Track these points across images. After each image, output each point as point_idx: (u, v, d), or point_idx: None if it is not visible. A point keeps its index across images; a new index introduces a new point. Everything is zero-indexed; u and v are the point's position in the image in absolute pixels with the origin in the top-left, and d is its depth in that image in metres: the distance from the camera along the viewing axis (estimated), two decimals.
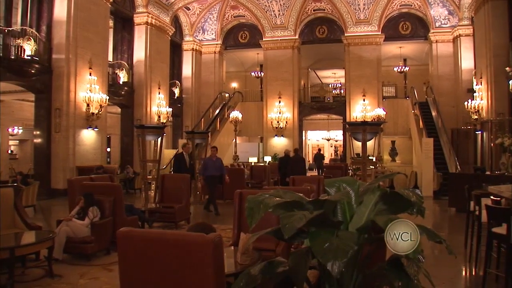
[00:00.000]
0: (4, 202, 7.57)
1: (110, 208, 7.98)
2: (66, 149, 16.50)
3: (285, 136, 26.08)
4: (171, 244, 3.40)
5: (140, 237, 3.60)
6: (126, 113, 22.03)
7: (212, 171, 12.91)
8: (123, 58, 21.73)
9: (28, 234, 7.06)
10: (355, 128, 12.36)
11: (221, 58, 28.72)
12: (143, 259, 3.46)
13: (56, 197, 15.87)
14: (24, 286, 6.09)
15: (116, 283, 5.88)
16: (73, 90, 16.71)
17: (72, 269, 6.89)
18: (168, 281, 3.39)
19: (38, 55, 15.84)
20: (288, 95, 26.15)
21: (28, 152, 24.38)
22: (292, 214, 2.62)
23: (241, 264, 4.77)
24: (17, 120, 23.40)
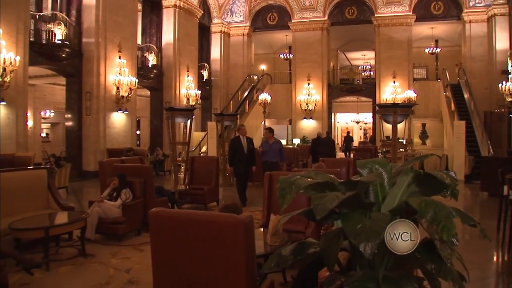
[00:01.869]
0: (39, 184, 7.74)
1: (141, 189, 8.07)
2: (96, 132, 16.73)
3: (314, 118, 25.93)
4: (202, 224, 3.43)
5: (172, 217, 3.64)
6: (155, 96, 22.18)
7: (269, 156, 11.39)
8: (151, 41, 21.81)
9: (61, 214, 7.20)
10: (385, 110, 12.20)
11: (249, 40, 28.58)
12: (175, 239, 3.49)
13: (87, 179, 16.14)
14: (59, 264, 6.22)
15: (147, 262, 5.98)
16: (103, 73, 16.88)
17: (104, 249, 7.02)
18: (199, 261, 3.42)
19: (69, 39, 16.03)
20: (317, 77, 25.92)
21: (60, 135, 24.83)
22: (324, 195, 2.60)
23: (271, 245, 4.78)
24: (49, 104, 23.80)
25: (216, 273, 3.38)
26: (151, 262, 3.58)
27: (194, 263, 3.44)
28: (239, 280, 3.27)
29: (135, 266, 6.16)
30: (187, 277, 3.49)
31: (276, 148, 11.37)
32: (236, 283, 3.29)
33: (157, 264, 3.60)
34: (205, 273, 3.41)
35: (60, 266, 6.14)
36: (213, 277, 3.39)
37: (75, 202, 10.70)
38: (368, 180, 2.78)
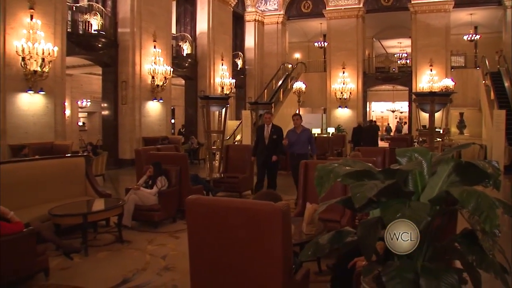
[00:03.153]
0: (77, 171, 7.89)
1: (176, 177, 8.15)
2: (132, 121, 16.93)
3: (349, 107, 25.66)
4: (239, 212, 3.42)
5: (209, 204, 3.65)
6: (190, 84, 22.28)
7: (296, 147, 9.86)
8: (186, 30, 21.89)
9: (99, 201, 7.34)
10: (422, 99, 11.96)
11: (283, 29, 28.42)
12: (211, 226, 3.50)
13: (123, 167, 16.38)
14: (96, 250, 6.36)
15: (182, 249, 6.07)
16: (138, 63, 17.04)
17: (140, 236, 7.14)
18: (235, 249, 3.42)
19: (104, 30, 16.21)
20: (352, 65, 25.60)
21: (96, 124, 25.21)
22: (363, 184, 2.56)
23: (306, 234, 4.76)
24: (85, 93, 24.20)
25: (252, 261, 3.38)
26: (187, 249, 3.60)
27: (231, 250, 3.44)
28: (276, 268, 3.26)
29: (170, 252, 6.24)
30: (223, 265, 3.50)
31: (304, 138, 9.86)
32: (273, 271, 3.29)
33: (194, 251, 3.63)
34: (241, 261, 3.42)
35: (98, 252, 6.27)
36: (249, 265, 3.40)
37: (111, 189, 10.86)
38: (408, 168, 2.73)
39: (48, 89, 13.06)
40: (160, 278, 5.25)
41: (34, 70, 12.31)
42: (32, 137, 12.71)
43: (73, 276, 5.30)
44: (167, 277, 5.27)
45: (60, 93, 13.82)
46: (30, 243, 4.95)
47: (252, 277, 3.40)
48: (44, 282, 5.08)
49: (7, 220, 5.01)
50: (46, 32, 12.80)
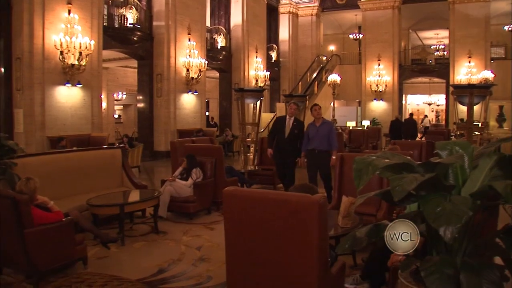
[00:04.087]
0: (114, 163, 8.00)
1: (212, 169, 8.17)
2: (167, 113, 17.08)
3: (384, 100, 25.32)
4: (275, 204, 3.42)
5: (246, 196, 3.65)
6: (224, 77, 22.35)
7: (315, 143, 8.32)
8: (220, 23, 21.93)
9: (135, 192, 7.46)
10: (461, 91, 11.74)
11: (318, 21, 28.19)
12: (248, 218, 3.51)
13: (158, 159, 16.57)
14: (133, 240, 6.45)
15: (217, 241, 6.10)
16: (173, 55, 17.15)
17: (176, 227, 7.19)
18: (271, 240, 3.42)
19: (140, 23, 16.36)
20: (387, 57, 25.22)
21: (132, 116, 25.54)
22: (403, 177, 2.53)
23: (342, 227, 4.73)
24: (121, 86, 24.49)
25: (288, 253, 3.37)
26: (222, 240, 3.61)
27: (267, 242, 3.44)
28: (312, 260, 3.25)
29: (205, 244, 6.27)
30: (259, 256, 3.51)
31: (324, 132, 8.29)
32: (309, 264, 3.27)
33: (230, 242, 3.64)
34: (277, 253, 3.42)
35: (134, 242, 6.35)
36: (285, 257, 3.39)
37: (147, 181, 10.99)
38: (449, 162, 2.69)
39: (85, 82, 13.26)
40: (195, 269, 5.28)
41: (71, 63, 12.52)
42: (69, 129, 12.94)
43: (110, 265, 5.38)
44: (202, 268, 5.30)
45: (96, 86, 14.02)
46: (69, 232, 5.06)
47: (288, 269, 3.39)
48: (83, 270, 5.18)
49: (48, 210, 5.11)
50: (83, 26, 12.98)
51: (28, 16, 12.08)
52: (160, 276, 5.06)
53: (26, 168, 6.19)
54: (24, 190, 4.95)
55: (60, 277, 4.96)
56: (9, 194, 4.82)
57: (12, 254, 4.87)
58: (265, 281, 3.50)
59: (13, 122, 12.54)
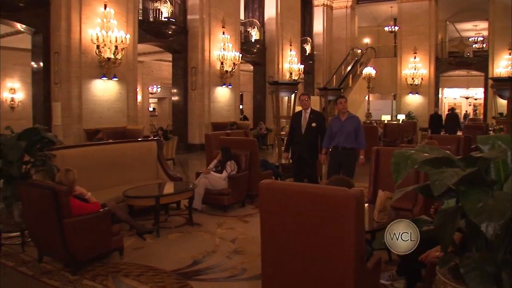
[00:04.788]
0: (149, 155, 8.10)
1: (246, 162, 8.18)
2: (201, 106, 17.18)
3: (420, 93, 24.90)
4: (312, 197, 3.39)
5: (282, 189, 3.63)
6: (258, 70, 22.31)
7: (339, 139, 7.40)
8: (254, 16, 21.90)
9: (170, 184, 7.52)
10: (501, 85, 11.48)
11: (353, 13, 27.89)
12: (284, 211, 3.49)
13: (192, 151, 16.70)
14: (168, 231, 6.51)
15: (251, 234, 6.10)
16: (208, 49, 17.22)
17: (210, 219, 7.23)
18: (307, 234, 3.40)
19: (174, 17, 16.46)
20: (424, 50, 24.75)
21: (166, 109, 25.79)
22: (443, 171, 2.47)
23: (378, 222, 4.67)
24: (156, 79, 24.73)
25: (324, 246, 3.35)
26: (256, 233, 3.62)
27: (302, 235, 3.42)
28: (348, 254, 3.22)
29: (240, 236, 6.30)
30: (295, 250, 3.49)
31: (350, 127, 7.37)
32: (345, 258, 3.24)
33: (266, 235, 3.64)
34: (313, 246, 3.39)
35: (169, 233, 6.41)
36: (321, 251, 3.36)
37: (181, 173, 11.08)
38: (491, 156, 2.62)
39: (121, 75, 13.44)
40: (230, 261, 5.30)
41: (107, 57, 12.69)
42: (106, 121, 13.14)
43: (146, 256, 5.44)
44: (236, 260, 5.32)
45: (132, 79, 14.19)
46: (106, 223, 5.14)
47: (324, 263, 3.36)
48: (119, 260, 5.26)
49: (85, 200, 5.21)
50: (118, 21, 13.14)
51: (65, 12, 12.32)
52: (195, 267, 5.10)
53: (64, 160, 6.31)
54: (64, 181, 5.05)
55: (97, 266, 5.04)
56: (49, 185, 4.93)
57: (52, 243, 4.98)
58: (301, 274, 3.48)
59: (51, 115, 12.82)
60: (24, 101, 18.70)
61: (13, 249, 5.72)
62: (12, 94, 18.74)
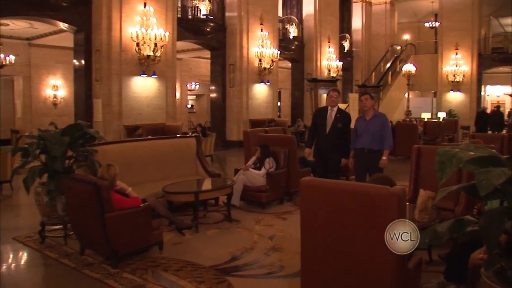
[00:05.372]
0: (188, 151, 8.15)
1: (285, 159, 8.13)
2: (239, 103, 17.25)
3: (462, 91, 24.32)
4: (354, 195, 3.37)
5: (323, 187, 3.59)
6: (297, 67, 22.26)
7: (364, 140, 6.75)
8: (292, 13, 21.83)
9: (209, 181, 7.58)
10: None
11: (392, 9, 27.52)
12: (324, 209, 3.47)
13: (230, 148, 16.77)
14: (206, 227, 6.53)
15: (289, 231, 6.08)
16: (246, 46, 17.28)
17: (248, 215, 7.23)
18: (348, 232, 3.37)
19: (213, 14, 16.54)
20: (466, 46, 24.17)
21: (204, 106, 26.01)
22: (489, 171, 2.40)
23: (418, 221, 4.59)
24: (194, 76, 24.94)
25: (365, 245, 3.31)
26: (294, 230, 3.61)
27: (343, 233, 3.39)
28: (389, 254, 3.15)
29: (278, 233, 6.27)
30: (335, 248, 3.46)
31: (375, 127, 6.70)
32: (386, 257, 3.18)
33: (306, 232, 3.62)
34: (353, 245, 3.36)
35: (207, 229, 6.44)
36: (361, 250, 3.33)
37: (219, 169, 11.11)
38: None
39: (160, 72, 13.61)
40: (268, 258, 5.29)
41: (147, 54, 12.86)
42: (145, 118, 13.34)
43: (185, 251, 5.48)
44: (274, 257, 5.30)
45: (171, 76, 14.35)
46: (147, 218, 5.20)
47: (364, 262, 3.33)
48: (158, 255, 5.31)
49: (126, 195, 5.29)
50: (158, 18, 13.30)
51: (106, 10, 12.56)
52: (233, 263, 5.11)
53: (105, 155, 6.41)
54: (105, 176, 5.15)
55: (137, 260, 5.10)
56: (91, 180, 5.02)
57: (93, 236, 5.08)
58: (340, 273, 3.45)
59: (93, 111, 13.09)
60: (66, 98, 19.14)
61: (56, 241, 5.86)
62: (54, 91, 19.19)
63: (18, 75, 18.52)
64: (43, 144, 5.64)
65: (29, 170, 5.71)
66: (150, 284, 4.51)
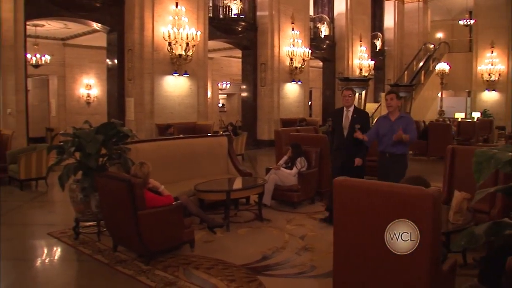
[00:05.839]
0: (220, 150, 8.18)
1: (316, 159, 8.08)
2: (270, 102, 17.23)
3: (497, 90, 23.75)
4: (388, 195, 3.33)
5: (357, 187, 3.56)
6: (328, 66, 22.15)
7: (388, 144, 6.13)
8: (323, 12, 21.69)
9: (240, 180, 7.59)
10: None
11: (425, 7, 27.10)
12: (358, 209, 3.44)
13: (261, 147, 16.76)
14: (237, 226, 6.55)
15: (320, 231, 6.06)
16: (277, 45, 17.25)
17: (279, 215, 7.21)
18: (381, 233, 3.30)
19: (244, 13, 16.57)
20: (502, 44, 23.54)
21: (235, 105, 26.08)
22: None
23: (453, 223, 4.50)
24: (225, 76, 25.05)
25: None
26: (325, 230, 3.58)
27: (376, 234, 3.32)
28: (423, 256, 3.12)
29: (309, 233, 6.24)
30: (368, 248, 3.43)
31: (399, 128, 5.97)
32: (420, 259, 3.15)
33: (339, 232, 3.60)
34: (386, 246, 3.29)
35: (238, 228, 6.45)
36: None
37: (250, 168, 11.13)
38: None
39: (191, 72, 13.70)
40: (299, 258, 5.27)
41: (179, 54, 12.96)
42: (177, 117, 13.45)
43: (216, 250, 5.50)
44: (305, 257, 5.28)
45: (202, 75, 14.44)
46: (179, 216, 5.24)
47: (397, 264, 3.27)
48: (190, 252, 5.34)
49: (159, 193, 5.34)
50: (189, 18, 13.39)
51: (139, 10, 12.71)
52: (264, 262, 5.10)
53: (138, 154, 6.49)
54: (139, 174, 5.21)
55: (168, 257, 5.15)
56: (125, 178, 5.08)
57: (126, 233, 5.14)
58: (373, 274, 3.42)
59: (125, 110, 13.26)
60: (99, 97, 19.46)
61: (89, 237, 5.96)
62: (88, 90, 19.53)
63: (53, 74, 18.93)
64: (78, 142, 5.73)
65: (64, 167, 5.82)
66: (182, 281, 4.54)
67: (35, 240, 6.24)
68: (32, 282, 4.85)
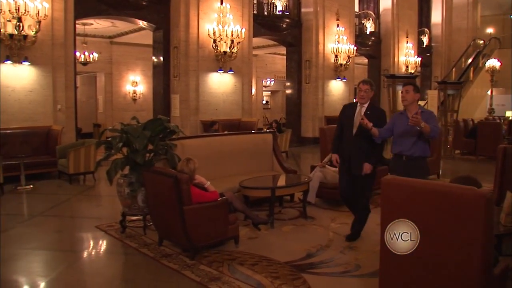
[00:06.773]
0: (265, 147, 8.17)
1: None
2: (315, 99, 17.16)
3: None
4: (438, 195, 3.23)
5: (405, 185, 3.48)
6: (373, 63, 21.90)
7: (405, 144, 5.12)
8: (369, 8, 21.44)
9: (285, 177, 7.53)
10: None
11: (475, 1, 26.34)
12: (406, 208, 3.34)
13: (305, 145, 16.71)
14: (282, 223, 6.54)
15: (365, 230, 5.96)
16: (322, 42, 17.15)
17: (323, 213, 7.16)
18: (430, 233, 3.22)
19: (288, 10, 16.56)
20: None
21: (279, 102, 26.03)
22: None
23: (505, 225, 4.36)
24: (269, 73, 25.06)
25: (448, 248, 3.16)
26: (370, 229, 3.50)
27: (425, 235, 3.23)
28: (474, 258, 3.02)
29: None
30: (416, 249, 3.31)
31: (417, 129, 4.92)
32: (470, 262, 3.05)
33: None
34: (436, 247, 3.22)
35: (283, 225, 6.44)
36: (444, 253, 3.18)
37: (294, 166, 11.09)
38: None
39: (236, 69, 13.76)
40: (344, 256, 5.22)
41: (224, 51, 13.04)
42: (221, 113, 13.54)
43: (260, 246, 5.50)
44: (350, 256, 5.22)
45: (247, 72, 14.49)
46: (224, 212, 5.26)
47: (447, 266, 3.19)
48: (234, 248, 5.36)
49: (204, 189, 5.38)
50: (234, 15, 13.43)
51: (184, 8, 12.86)
52: (308, 260, 5.07)
53: (184, 150, 6.56)
54: (185, 170, 5.27)
55: (213, 253, 5.18)
56: (171, 173, 5.14)
57: (172, 228, 5.20)
58: (421, 276, 3.32)
59: (170, 106, 13.44)
60: (145, 93, 19.79)
61: (136, 231, 6.07)
62: (134, 87, 19.88)
63: (100, 71, 19.38)
64: (126, 138, 5.84)
65: (112, 162, 5.95)
66: (226, 277, 4.56)
67: (83, 233, 6.41)
68: (80, 273, 4.97)
